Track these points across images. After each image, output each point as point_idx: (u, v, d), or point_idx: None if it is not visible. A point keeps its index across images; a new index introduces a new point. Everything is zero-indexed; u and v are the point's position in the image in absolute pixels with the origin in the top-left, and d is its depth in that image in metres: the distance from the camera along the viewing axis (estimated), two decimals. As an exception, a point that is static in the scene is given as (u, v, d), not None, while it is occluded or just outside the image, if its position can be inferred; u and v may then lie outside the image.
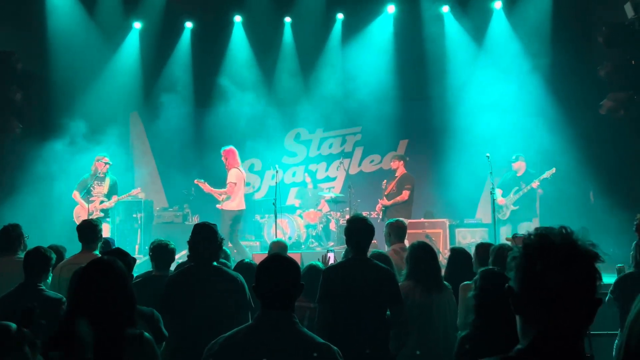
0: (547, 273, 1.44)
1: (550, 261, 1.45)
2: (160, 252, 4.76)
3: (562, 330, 1.45)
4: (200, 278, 3.89)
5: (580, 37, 10.49)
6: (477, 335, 2.70)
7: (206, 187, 9.49)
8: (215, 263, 4.00)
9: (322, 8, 11.55)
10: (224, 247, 4.49)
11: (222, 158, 9.40)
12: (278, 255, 2.63)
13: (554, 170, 9.00)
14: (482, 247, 4.80)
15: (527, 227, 8.87)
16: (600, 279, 1.47)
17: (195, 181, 9.67)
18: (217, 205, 9.37)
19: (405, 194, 9.42)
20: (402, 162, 9.81)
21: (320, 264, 4.88)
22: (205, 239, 3.96)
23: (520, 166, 9.30)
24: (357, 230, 4.03)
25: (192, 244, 3.97)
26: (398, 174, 9.72)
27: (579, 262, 1.45)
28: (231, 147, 9.44)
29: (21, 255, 4.85)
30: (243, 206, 9.38)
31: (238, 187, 9.26)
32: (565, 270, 1.44)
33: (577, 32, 10.49)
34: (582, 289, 1.45)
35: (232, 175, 9.24)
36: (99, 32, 10.67)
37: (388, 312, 4.02)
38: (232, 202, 9.25)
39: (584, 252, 1.46)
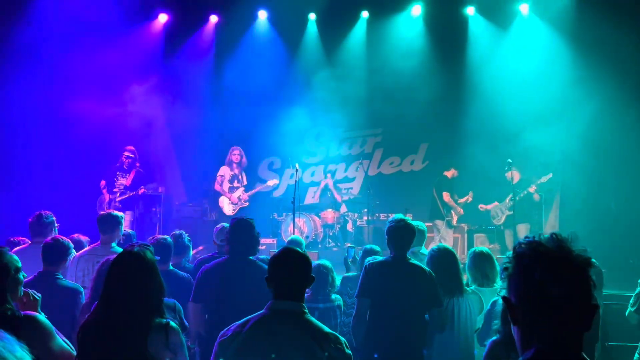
0: (546, 283, 1.43)
1: (548, 271, 1.44)
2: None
3: (566, 339, 1.44)
4: (235, 270, 4.00)
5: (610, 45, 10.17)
6: (509, 340, 2.69)
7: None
8: (252, 257, 4.09)
9: (348, 6, 11.50)
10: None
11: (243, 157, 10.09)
12: (290, 249, 2.73)
13: (550, 175, 9.21)
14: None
15: (524, 229, 9.26)
16: (594, 285, 1.47)
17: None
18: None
19: None
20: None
21: (328, 263, 4.95)
22: (242, 232, 4.08)
23: (513, 175, 9.34)
24: (399, 230, 4.12)
25: (229, 237, 4.05)
26: None
27: (576, 270, 1.45)
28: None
29: None
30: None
31: None
32: (564, 279, 1.43)
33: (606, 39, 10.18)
34: (580, 296, 1.44)
35: None
36: (123, 20, 10.53)
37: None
38: None
39: (579, 259, 1.46)
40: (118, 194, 9.16)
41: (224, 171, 10.09)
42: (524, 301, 1.48)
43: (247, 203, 10.14)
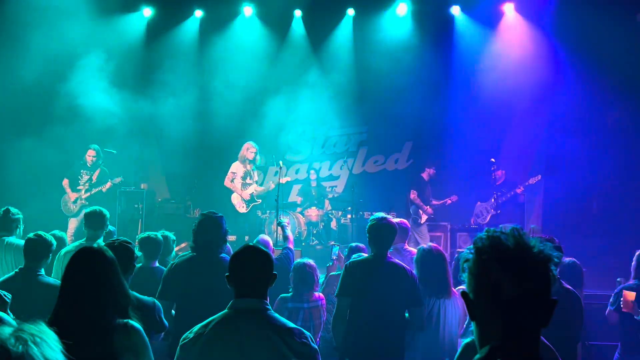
0: (503, 281, 1.41)
1: (505, 269, 1.41)
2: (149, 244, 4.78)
3: (520, 336, 1.42)
4: (201, 267, 3.95)
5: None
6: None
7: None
8: (219, 254, 4.04)
9: (333, 3, 11.46)
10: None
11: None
12: (251, 246, 2.69)
13: (539, 177, 9.16)
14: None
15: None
16: (554, 280, 1.46)
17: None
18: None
19: None
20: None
21: (312, 262, 4.94)
22: (208, 230, 4.00)
23: (500, 174, 9.42)
24: (380, 228, 4.11)
25: (195, 234, 4.00)
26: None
27: (535, 268, 1.42)
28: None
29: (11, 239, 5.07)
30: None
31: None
32: (522, 277, 1.41)
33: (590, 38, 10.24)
34: (538, 293, 1.42)
35: None
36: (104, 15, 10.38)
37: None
38: None
39: (538, 256, 1.43)
40: (83, 191, 9.10)
41: (236, 168, 9.72)
42: (479, 297, 1.46)
43: (260, 200, 9.91)
